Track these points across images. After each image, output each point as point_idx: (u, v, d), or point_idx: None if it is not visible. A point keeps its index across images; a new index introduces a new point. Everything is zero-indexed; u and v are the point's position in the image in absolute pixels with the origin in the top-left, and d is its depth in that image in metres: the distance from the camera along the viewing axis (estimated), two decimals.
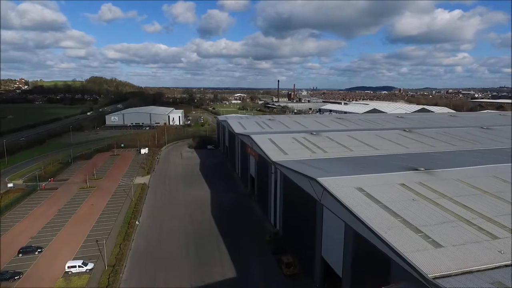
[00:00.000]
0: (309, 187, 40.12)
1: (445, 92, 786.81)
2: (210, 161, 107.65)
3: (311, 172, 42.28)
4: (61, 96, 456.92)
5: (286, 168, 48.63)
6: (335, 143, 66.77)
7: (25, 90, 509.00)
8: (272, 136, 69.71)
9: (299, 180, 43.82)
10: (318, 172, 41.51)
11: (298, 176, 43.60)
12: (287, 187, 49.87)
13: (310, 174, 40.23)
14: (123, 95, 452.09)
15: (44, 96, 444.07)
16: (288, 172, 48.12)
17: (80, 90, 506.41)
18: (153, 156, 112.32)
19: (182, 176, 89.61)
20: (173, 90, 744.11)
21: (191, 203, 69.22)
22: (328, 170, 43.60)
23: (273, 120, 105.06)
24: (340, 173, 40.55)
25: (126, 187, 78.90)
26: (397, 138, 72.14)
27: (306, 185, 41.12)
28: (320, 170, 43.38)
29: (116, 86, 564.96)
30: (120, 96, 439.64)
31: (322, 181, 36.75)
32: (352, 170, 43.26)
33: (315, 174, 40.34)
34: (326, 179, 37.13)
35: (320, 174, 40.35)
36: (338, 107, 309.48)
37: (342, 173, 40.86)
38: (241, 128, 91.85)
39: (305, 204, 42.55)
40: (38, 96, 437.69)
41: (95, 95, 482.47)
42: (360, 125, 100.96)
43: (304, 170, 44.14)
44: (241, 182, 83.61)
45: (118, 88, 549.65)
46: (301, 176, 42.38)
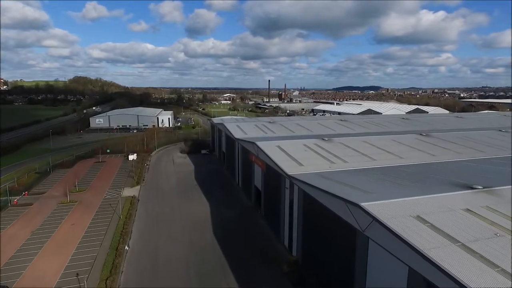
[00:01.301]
0: (345, 212, 32.11)
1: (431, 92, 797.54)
2: (205, 168, 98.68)
3: (345, 192, 34.30)
4: (42, 97, 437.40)
5: (308, 185, 40.54)
6: (351, 150, 59.10)
7: (4, 90, 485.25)
8: (281, 143, 61.53)
9: (329, 202, 35.75)
10: (356, 194, 33.53)
11: (328, 197, 35.52)
12: (308, 206, 41.77)
13: (348, 196, 32.21)
14: (108, 96, 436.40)
15: (25, 97, 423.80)
16: (310, 190, 40.00)
17: (63, 91, 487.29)
18: (143, 162, 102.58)
19: (176, 187, 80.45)
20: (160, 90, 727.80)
21: (189, 221, 60.35)
22: (364, 188, 35.68)
23: (274, 123, 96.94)
24: (383, 195, 32.66)
25: (113, 201, 69.35)
26: (417, 144, 65.07)
27: (341, 210, 33.10)
28: (355, 190, 35.41)
29: (101, 86, 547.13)
30: (105, 97, 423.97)
31: (367, 207, 28.77)
32: (393, 189, 35.49)
33: (353, 196, 32.35)
34: (372, 205, 29.16)
35: (360, 196, 32.38)
36: (332, 107, 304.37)
37: (385, 194, 32.98)
38: (241, 132, 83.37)
39: (337, 231, 34.56)
40: (18, 96, 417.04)
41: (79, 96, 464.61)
42: (368, 128, 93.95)
43: (334, 188, 36.14)
44: (243, 193, 75.11)
45: (103, 89, 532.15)
46: (333, 198, 34.30)
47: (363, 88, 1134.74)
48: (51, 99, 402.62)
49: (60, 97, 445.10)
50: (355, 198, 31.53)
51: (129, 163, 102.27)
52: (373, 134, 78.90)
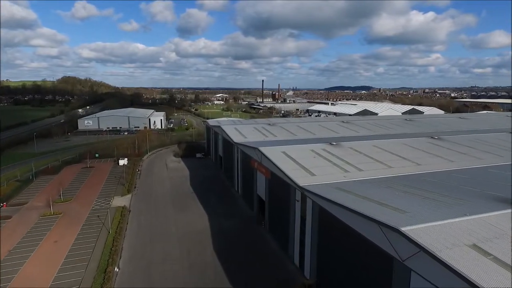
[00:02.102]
0: (378, 236, 27.03)
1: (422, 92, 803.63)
2: (201, 173, 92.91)
3: (373, 210, 29.21)
4: (29, 97, 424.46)
5: (325, 200, 35.37)
6: (364, 156, 54.20)
7: None
8: (286, 149, 56.31)
9: (354, 221, 30.67)
10: (388, 213, 28.44)
11: (353, 216, 30.41)
12: (326, 224, 36.63)
13: (381, 217, 27.10)
14: (98, 96, 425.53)
15: (11, 98, 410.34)
16: (329, 205, 34.85)
17: (51, 91, 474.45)
18: (134, 168, 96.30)
19: (170, 195, 74.57)
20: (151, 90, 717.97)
21: (186, 235, 54.68)
22: (394, 205, 30.64)
23: (274, 125, 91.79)
24: (421, 215, 27.59)
25: (102, 213, 63.22)
26: (431, 148, 60.55)
27: (372, 232, 28.03)
28: (384, 207, 30.33)
29: (90, 87, 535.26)
30: (95, 97, 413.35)
31: (410, 233, 23.68)
32: (429, 206, 30.47)
33: (386, 216, 27.27)
34: (415, 230, 24.09)
35: (394, 216, 27.31)
36: (326, 107, 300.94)
37: (423, 214, 27.90)
38: (240, 136, 77.96)
39: (366, 257, 29.51)
40: (3, 97, 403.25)
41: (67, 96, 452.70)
42: (373, 130, 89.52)
43: (359, 205, 31.04)
44: (243, 201, 69.67)
45: (93, 89, 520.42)
46: (361, 218, 29.19)
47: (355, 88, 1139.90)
48: (39, 100, 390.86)
49: (48, 98, 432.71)
50: (389, 219, 26.47)
51: (120, 168, 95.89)
52: (380, 137, 74.37)
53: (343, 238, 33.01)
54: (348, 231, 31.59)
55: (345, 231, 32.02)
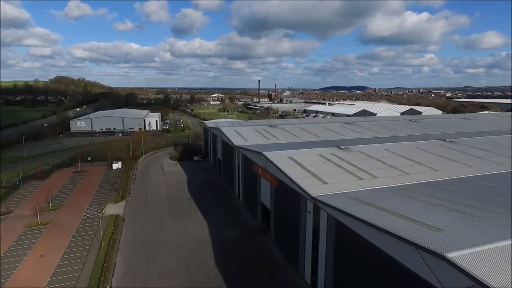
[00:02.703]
0: (415, 261, 23.17)
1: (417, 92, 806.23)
2: (199, 177, 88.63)
3: (404, 228, 25.39)
4: (21, 98, 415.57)
5: (343, 213, 31.50)
6: (376, 161, 50.49)
7: None
8: (292, 154, 52.39)
9: (380, 240, 26.83)
10: (422, 232, 24.58)
11: (380, 235, 26.56)
12: (344, 240, 32.76)
13: (416, 238, 23.25)
14: (92, 96, 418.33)
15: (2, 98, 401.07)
16: (348, 220, 30.98)
17: (43, 91, 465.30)
18: (128, 172, 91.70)
19: (167, 201, 70.24)
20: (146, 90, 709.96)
21: (185, 247, 50.47)
22: (426, 220, 26.83)
23: (275, 127, 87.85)
24: (462, 235, 23.79)
25: (94, 222, 58.76)
26: (445, 152, 57.06)
27: (406, 256, 24.17)
28: (414, 224, 26.48)
29: (84, 87, 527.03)
30: (88, 97, 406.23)
31: (458, 260, 19.86)
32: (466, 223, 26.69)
33: (421, 236, 23.44)
34: (463, 257, 20.27)
35: (430, 237, 23.48)
36: (324, 108, 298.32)
37: (464, 234, 24.09)
38: (241, 139, 73.91)
39: (398, 283, 25.64)
40: None
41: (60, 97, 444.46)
42: (378, 132, 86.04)
43: (384, 221, 27.22)
44: (245, 209, 65.59)
45: (86, 89, 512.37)
46: (390, 237, 25.34)
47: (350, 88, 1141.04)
48: (30, 100, 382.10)
49: (40, 98, 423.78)
50: (427, 240, 22.66)
51: (113, 172, 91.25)
52: (388, 139, 70.80)
53: (367, 259, 29.14)
54: (373, 251, 27.74)
55: (370, 251, 28.16)
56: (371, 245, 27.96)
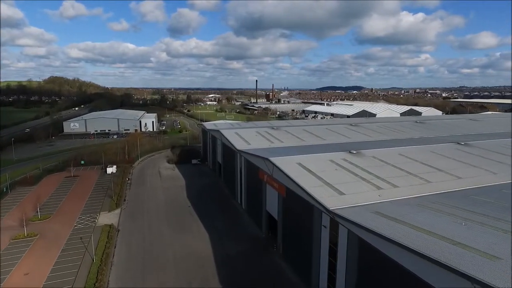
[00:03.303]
0: None
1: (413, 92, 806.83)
2: (198, 182, 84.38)
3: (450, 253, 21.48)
4: (14, 98, 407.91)
5: (370, 232, 27.54)
6: (392, 168, 46.64)
7: None
8: (301, 159, 48.38)
9: (421, 269, 22.89)
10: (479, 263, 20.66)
11: (424, 263, 22.61)
12: (370, 262, 28.80)
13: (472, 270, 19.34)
14: (87, 97, 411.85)
15: None
16: (377, 241, 27.02)
17: (37, 91, 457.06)
18: (124, 176, 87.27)
19: (165, 209, 65.95)
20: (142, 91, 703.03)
21: (185, 262, 46.27)
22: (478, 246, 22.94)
23: (278, 129, 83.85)
24: None
25: (85, 233, 54.37)
26: (464, 157, 53.38)
27: None
28: (464, 250, 22.57)
29: (79, 87, 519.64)
30: (83, 98, 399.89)
31: None
32: None
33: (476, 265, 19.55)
34: None
35: (487, 267, 19.59)
36: (323, 108, 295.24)
37: None
38: (243, 142, 69.82)
39: None
40: None
41: (54, 97, 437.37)
42: (386, 134, 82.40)
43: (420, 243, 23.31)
44: (248, 217, 61.48)
45: (81, 89, 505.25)
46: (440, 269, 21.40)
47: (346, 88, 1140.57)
48: (24, 101, 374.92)
49: (33, 99, 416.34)
50: (483, 272, 18.75)
51: (107, 177, 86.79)
52: (399, 143, 67.16)
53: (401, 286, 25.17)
54: (409, 279, 23.78)
55: (405, 278, 24.20)
56: (408, 273, 24.00)
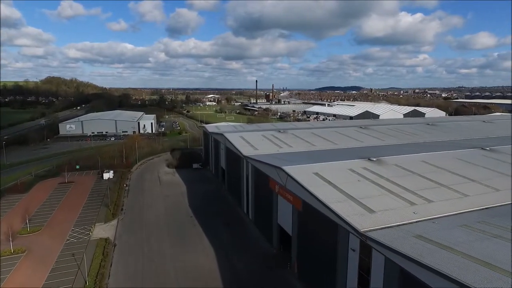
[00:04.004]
0: None
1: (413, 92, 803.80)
2: (200, 188, 79.44)
3: None
4: (10, 99, 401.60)
5: (420, 266, 22.78)
6: (420, 178, 41.87)
7: None
8: (318, 168, 43.58)
9: None
10: None
11: None
12: None
13: None
14: (84, 97, 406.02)
15: None
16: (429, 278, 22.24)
17: (34, 92, 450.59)
18: (121, 182, 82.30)
19: (166, 220, 61.00)
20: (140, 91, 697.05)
21: (190, 282, 41.35)
22: None
23: (285, 132, 79.02)
24: None
25: (79, 249, 49.41)
26: (493, 164, 48.63)
27: None
28: None
29: (76, 87, 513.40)
30: (80, 98, 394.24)
31: None
32: None
33: None
34: None
35: None
36: (324, 109, 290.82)
37: None
38: (249, 147, 64.96)
39: None
40: None
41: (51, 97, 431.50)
42: (399, 138, 77.71)
43: None
44: (256, 230, 56.57)
45: (78, 89, 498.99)
46: None
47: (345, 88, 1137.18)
48: (20, 101, 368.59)
49: (30, 99, 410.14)
50: None
51: (104, 183, 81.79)
52: (419, 148, 62.51)
53: None
54: None
55: None
56: None
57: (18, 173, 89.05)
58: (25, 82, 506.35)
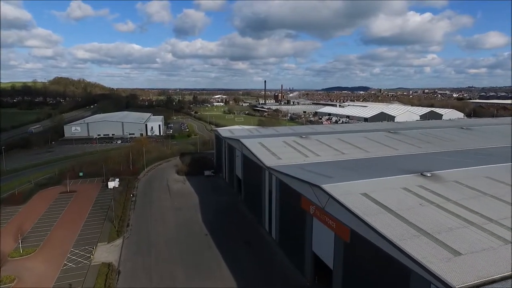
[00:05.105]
0: None
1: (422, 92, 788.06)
2: (214, 200, 71.88)
3: None
4: (18, 99, 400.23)
5: None
6: (495, 200, 33.71)
7: None
8: (366, 187, 35.68)
9: None
10: None
11: None
12: None
13: None
14: (91, 98, 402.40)
15: None
16: None
17: (42, 93, 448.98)
18: (128, 192, 75.28)
19: (177, 239, 53.51)
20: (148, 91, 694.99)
21: None
22: None
23: (307, 138, 71.06)
24: None
25: (77, 277, 42.21)
26: None
27: None
28: None
29: (84, 88, 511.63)
30: (88, 99, 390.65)
31: None
32: None
33: None
34: None
35: None
36: (336, 110, 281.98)
37: None
38: (271, 156, 57.25)
39: None
40: None
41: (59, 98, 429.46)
42: (436, 144, 69.33)
43: None
44: (282, 253, 48.70)
45: (86, 90, 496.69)
46: None
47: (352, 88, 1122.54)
48: (28, 102, 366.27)
49: (38, 100, 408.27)
50: None
51: (109, 193, 74.94)
52: (470, 159, 54.19)
53: None
54: None
55: None
56: None
57: (18, 180, 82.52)
58: (33, 83, 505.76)
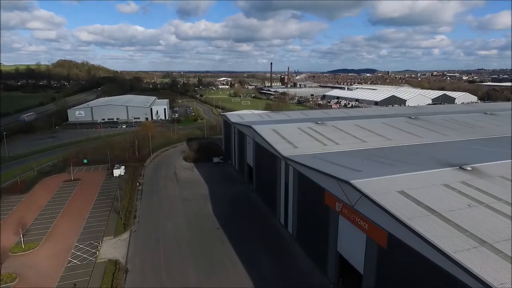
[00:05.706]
0: None
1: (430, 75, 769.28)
2: (224, 189, 68.42)
3: None
4: (22, 82, 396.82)
5: None
6: None
7: None
8: (403, 184, 31.60)
9: None
10: None
11: None
12: None
13: None
14: (95, 81, 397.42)
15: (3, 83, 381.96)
16: None
17: (45, 75, 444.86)
18: (133, 181, 72.09)
19: (187, 233, 50.35)
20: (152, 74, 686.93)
21: None
22: None
23: (323, 124, 66.61)
24: None
25: (82, 275, 39.36)
26: None
27: None
28: None
29: (88, 71, 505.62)
30: (92, 82, 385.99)
31: None
32: None
33: None
34: None
35: None
36: (345, 93, 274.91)
37: None
38: (287, 145, 53.13)
39: None
40: None
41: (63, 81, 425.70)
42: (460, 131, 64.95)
43: None
44: (300, 249, 45.32)
45: (90, 73, 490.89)
46: None
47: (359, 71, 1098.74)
48: (32, 85, 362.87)
49: (42, 83, 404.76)
50: None
51: (114, 181, 71.91)
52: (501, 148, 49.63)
53: None
54: None
55: None
56: None
57: (20, 168, 79.62)
58: (37, 66, 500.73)
